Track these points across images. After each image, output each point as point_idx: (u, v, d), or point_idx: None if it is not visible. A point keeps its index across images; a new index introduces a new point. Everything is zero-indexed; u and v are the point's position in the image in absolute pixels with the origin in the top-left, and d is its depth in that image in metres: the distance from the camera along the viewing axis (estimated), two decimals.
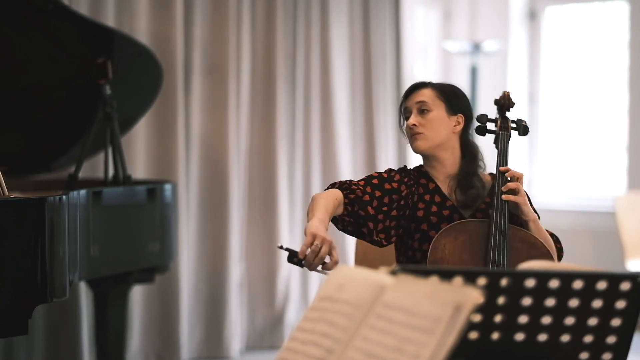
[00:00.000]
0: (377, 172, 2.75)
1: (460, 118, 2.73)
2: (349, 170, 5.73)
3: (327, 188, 2.66)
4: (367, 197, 2.62)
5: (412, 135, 2.68)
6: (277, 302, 5.42)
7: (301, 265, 2.35)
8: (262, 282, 5.41)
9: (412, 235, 2.69)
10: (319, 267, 2.35)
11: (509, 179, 2.67)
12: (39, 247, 2.83)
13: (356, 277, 1.53)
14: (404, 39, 6.06)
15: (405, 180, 2.71)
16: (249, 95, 5.32)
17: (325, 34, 5.63)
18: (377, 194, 2.64)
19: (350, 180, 2.68)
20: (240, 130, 5.24)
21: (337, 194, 2.59)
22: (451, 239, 2.58)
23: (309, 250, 2.32)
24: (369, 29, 5.87)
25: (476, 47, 6.21)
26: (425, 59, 6.80)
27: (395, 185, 2.68)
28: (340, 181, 2.68)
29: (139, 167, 4.70)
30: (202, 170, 5.12)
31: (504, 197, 2.62)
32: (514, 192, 2.64)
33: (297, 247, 2.38)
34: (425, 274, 1.57)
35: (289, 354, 1.49)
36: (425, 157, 2.77)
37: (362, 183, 2.66)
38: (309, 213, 2.50)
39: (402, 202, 2.67)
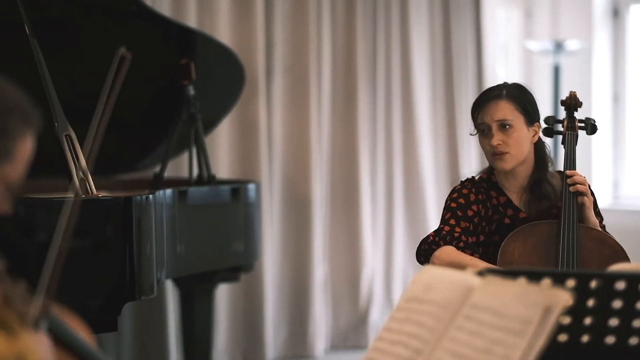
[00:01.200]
0: (452, 202, 2.70)
1: (537, 127, 2.70)
2: (431, 170, 5.69)
3: (430, 249, 2.64)
4: (472, 228, 2.64)
5: (496, 154, 2.63)
6: (361, 302, 5.42)
7: None
8: (345, 282, 5.41)
9: (488, 247, 2.68)
10: None
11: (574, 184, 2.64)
12: (127, 246, 2.88)
13: (443, 277, 1.52)
14: (484, 38, 5.99)
15: (479, 197, 2.69)
16: (330, 95, 5.32)
17: (406, 34, 5.61)
18: (469, 227, 2.64)
19: (443, 227, 2.65)
20: (321, 130, 5.25)
21: (453, 249, 2.59)
22: (520, 242, 2.56)
23: None
24: (449, 28, 5.82)
25: (558, 46, 6.10)
26: (507, 58, 6.71)
27: (475, 208, 2.67)
28: (438, 235, 2.64)
29: (222, 167, 4.75)
30: (285, 170, 5.14)
31: (571, 188, 2.59)
32: (582, 193, 2.61)
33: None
34: (513, 275, 1.56)
35: (377, 354, 1.50)
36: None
37: (452, 222, 2.63)
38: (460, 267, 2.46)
39: (483, 223, 2.67)
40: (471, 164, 5.74)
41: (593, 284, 1.67)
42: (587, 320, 1.69)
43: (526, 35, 6.73)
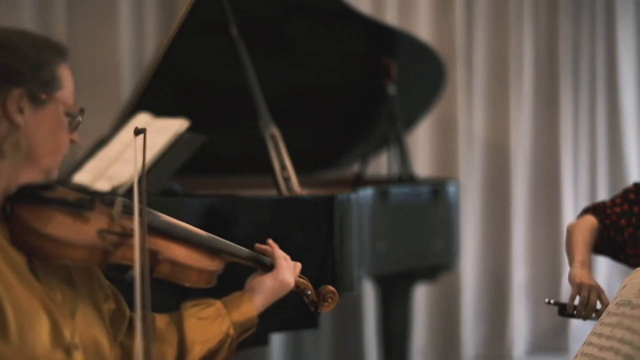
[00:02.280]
0: (634, 185, 2.52)
1: None
2: (638, 172, 5.45)
3: (581, 213, 2.51)
4: (623, 222, 2.43)
5: None
6: None
7: (573, 317, 2.25)
8: (546, 284, 5.28)
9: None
10: (593, 315, 2.23)
11: None
12: (329, 243, 2.91)
13: None
14: None
15: None
16: (531, 93, 5.21)
17: (611, 32, 5.38)
18: (633, 219, 2.42)
19: (604, 202, 2.51)
20: (522, 129, 5.15)
21: (592, 222, 2.43)
22: None
23: (578, 301, 2.21)
24: None
25: None
26: None
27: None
28: (594, 205, 2.51)
29: (421, 166, 4.74)
30: (484, 170, 5.08)
31: None
32: None
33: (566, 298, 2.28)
34: None
35: None
36: None
37: (618, 201, 2.46)
38: (567, 252, 2.38)
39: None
40: None
41: None
42: None
43: None
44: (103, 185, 3.00)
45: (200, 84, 3.68)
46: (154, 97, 3.56)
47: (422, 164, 4.80)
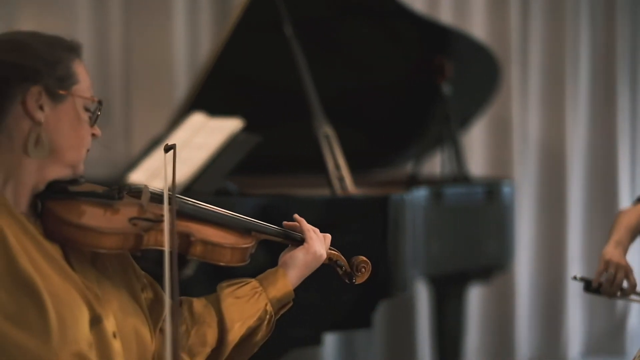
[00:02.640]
0: None
1: None
2: None
3: (635, 201, 2.46)
4: None
5: None
6: (618, 308, 5.18)
7: (599, 294, 2.21)
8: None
9: None
10: (618, 294, 2.19)
11: None
12: (383, 243, 2.90)
13: None
14: None
15: None
16: (588, 93, 5.13)
17: None
18: None
19: None
20: (578, 130, 5.07)
21: (634, 214, 2.41)
22: None
23: (604, 278, 2.17)
24: None
25: None
26: None
27: None
28: None
29: (476, 166, 4.70)
30: (539, 170, 5.02)
31: None
32: None
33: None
34: None
35: None
36: None
37: None
38: (609, 233, 2.34)
39: None
40: None
41: None
42: None
43: None
44: (158, 184, 3.02)
45: (254, 84, 3.70)
46: (208, 97, 3.59)
47: (477, 164, 4.76)
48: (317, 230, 1.75)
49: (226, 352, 1.61)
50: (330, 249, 1.78)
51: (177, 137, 3.29)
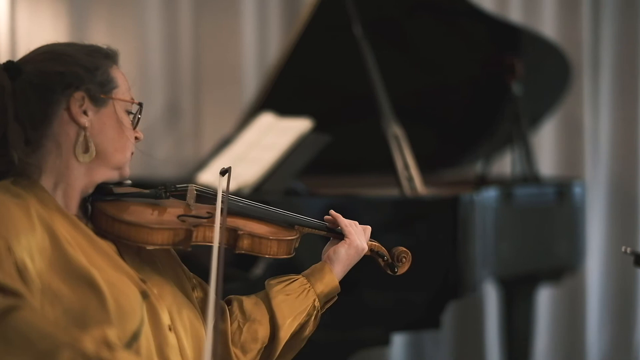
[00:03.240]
0: None
1: None
2: None
3: None
4: None
5: None
6: None
7: None
8: None
9: None
10: None
11: None
12: (452, 244, 2.89)
13: None
14: None
15: None
16: None
17: None
18: None
19: None
20: None
21: None
22: None
23: None
24: None
25: None
26: None
27: None
28: None
29: (545, 166, 4.64)
30: (610, 170, 4.93)
31: None
32: None
33: None
34: None
35: None
36: None
37: None
38: None
39: None
40: None
41: None
42: None
43: None
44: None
45: (323, 84, 3.71)
46: (278, 97, 3.61)
47: (547, 164, 4.69)
48: (356, 223, 1.78)
49: (279, 348, 1.65)
50: (370, 240, 1.81)
51: (246, 137, 3.31)
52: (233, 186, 2.99)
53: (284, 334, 1.64)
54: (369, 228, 1.80)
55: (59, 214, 1.44)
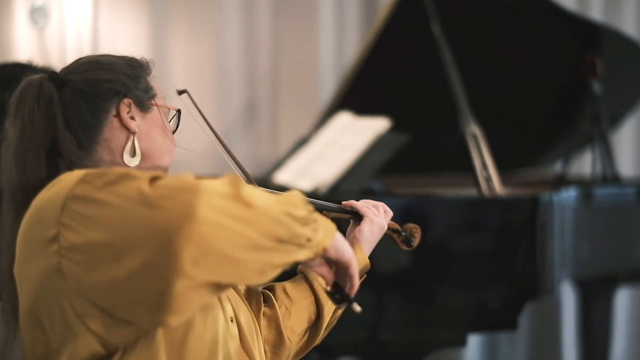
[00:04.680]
0: None
1: None
2: None
3: None
4: None
5: None
6: None
7: None
8: None
9: None
10: None
11: None
12: (530, 244, 2.87)
13: None
14: None
15: None
16: None
17: None
18: None
19: None
20: None
21: None
22: None
23: None
24: None
25: None
26: None
27: None
28: None
29: (626, 166, 4.58)
30: None
31: None
32: None
33: None
34: None
35: None
36: None
37: None
38: None
39: None
40: None
41: None
42: None
43: None
44: (304, 184, 3.07)
45: (401, 83, 3.71)
46: (356, 97, 3.63)
47: (627, 164, 4.62)
48: (375, 203, 1.82)
49: (324, 325, 1.71)
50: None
51: (323, 137, 3.33)
52: (309, 186, 3.03)
53: (327, 312, 1.70)
54: (390, 211, 1.84)
55: None
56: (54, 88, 1.49)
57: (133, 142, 1.52)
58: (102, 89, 1.51)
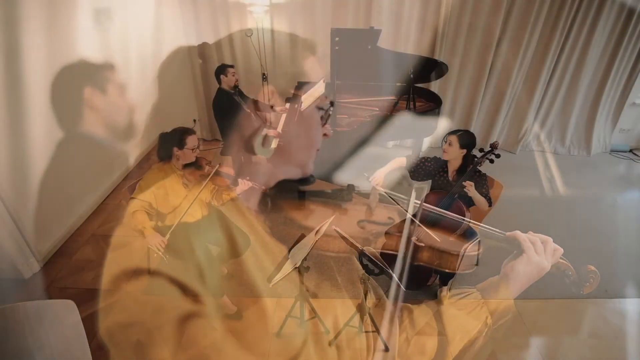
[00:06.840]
0: None
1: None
2: None
3: None
4: None
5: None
6: None
7: None
8: None
9: None
10: None
11: None
12: None
13: None
14: None
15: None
16: None
17: None
18: None
19: None
20: None
21: None
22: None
23: None
24: None
25: None
26: None
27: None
28: None
29: None
30: None
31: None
32: None
33: None
34: None
35: None
36: None
37: None
38: None
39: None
40: None
41: None
42: None
43: None
44: None
45: None
46: None
47: None
48: (545, 240, 1.70)
49: None
50: (561, 259, 1.72)
51: None
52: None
53: (453, 350, 1.64)
54: (560, 250, 1.73)
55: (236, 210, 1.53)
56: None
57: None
58: None
